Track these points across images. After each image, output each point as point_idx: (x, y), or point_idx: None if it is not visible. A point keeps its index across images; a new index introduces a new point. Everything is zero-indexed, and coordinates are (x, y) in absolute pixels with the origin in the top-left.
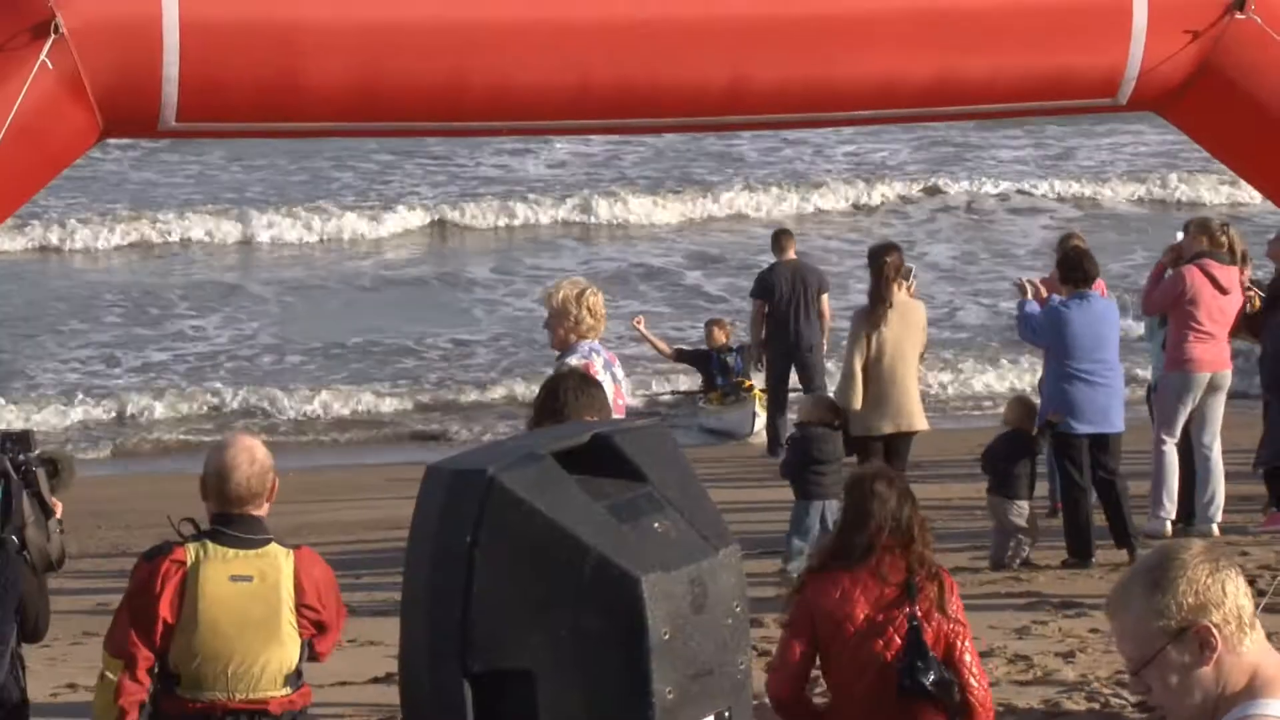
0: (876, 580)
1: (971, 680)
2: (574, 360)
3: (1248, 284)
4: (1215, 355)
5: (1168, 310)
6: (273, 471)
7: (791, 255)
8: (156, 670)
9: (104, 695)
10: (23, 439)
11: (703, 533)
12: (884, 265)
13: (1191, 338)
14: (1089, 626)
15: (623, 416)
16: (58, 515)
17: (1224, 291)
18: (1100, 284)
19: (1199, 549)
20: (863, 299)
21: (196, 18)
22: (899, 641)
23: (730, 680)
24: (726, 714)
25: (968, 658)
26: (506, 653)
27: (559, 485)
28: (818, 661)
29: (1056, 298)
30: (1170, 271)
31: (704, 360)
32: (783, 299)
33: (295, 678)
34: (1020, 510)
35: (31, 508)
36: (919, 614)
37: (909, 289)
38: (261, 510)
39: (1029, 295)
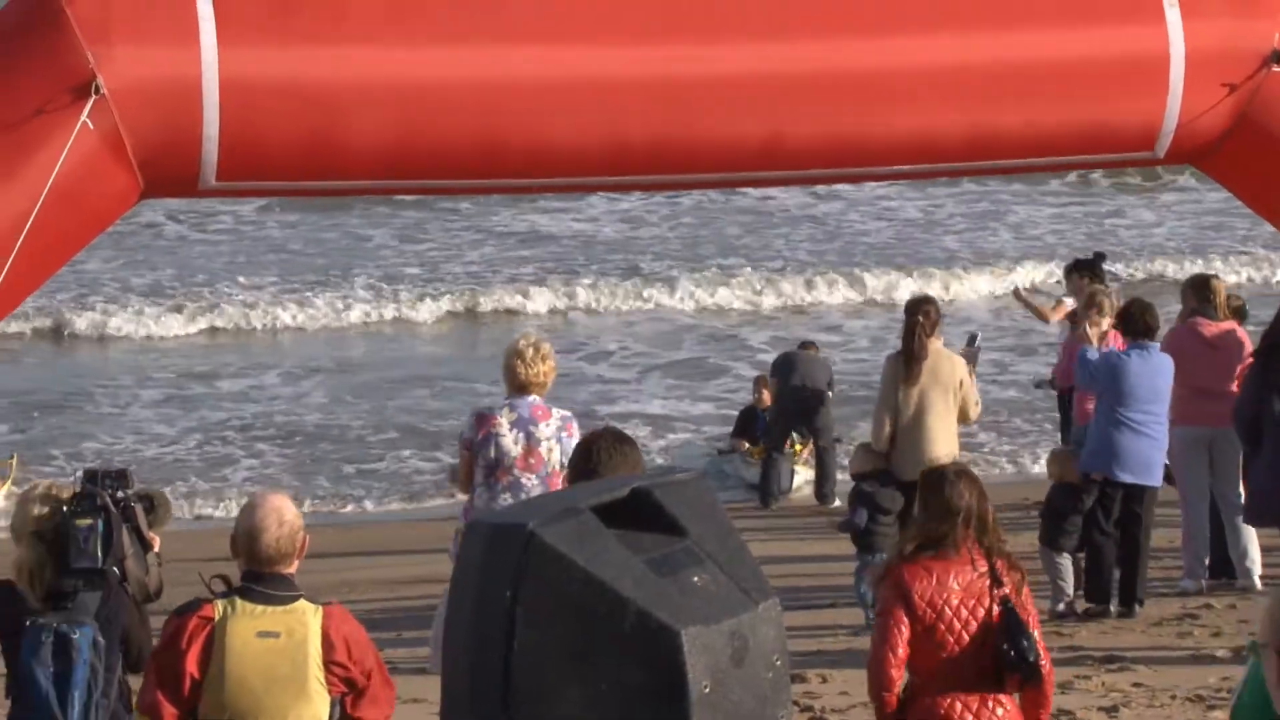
0: (967, 565)
1: (1043, 653)
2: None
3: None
4: (1216, 411)
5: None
6: (302, 530)
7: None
8: None
9: None
10: (121, 476)
11: (742, 586)
12: (916, 321)
13: (1189, 395)
14: (1132, 680)
15: (536, 476)
16: (155, 549)
17: (1213, 348)
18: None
19: None
20: None
21: (236, 78)
22: (991, 622)
23: None
24: None
25: (1038, 633)
26: (548, 707)
27: (598, 539)
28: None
29: (1114, 347)
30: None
31: (750, 416)
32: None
33: None
34: (1064, 563)
35: (131, 541)
36: (1010, 595)
37: (969, 368)
38: (291, 568)
39: (1023, 299)
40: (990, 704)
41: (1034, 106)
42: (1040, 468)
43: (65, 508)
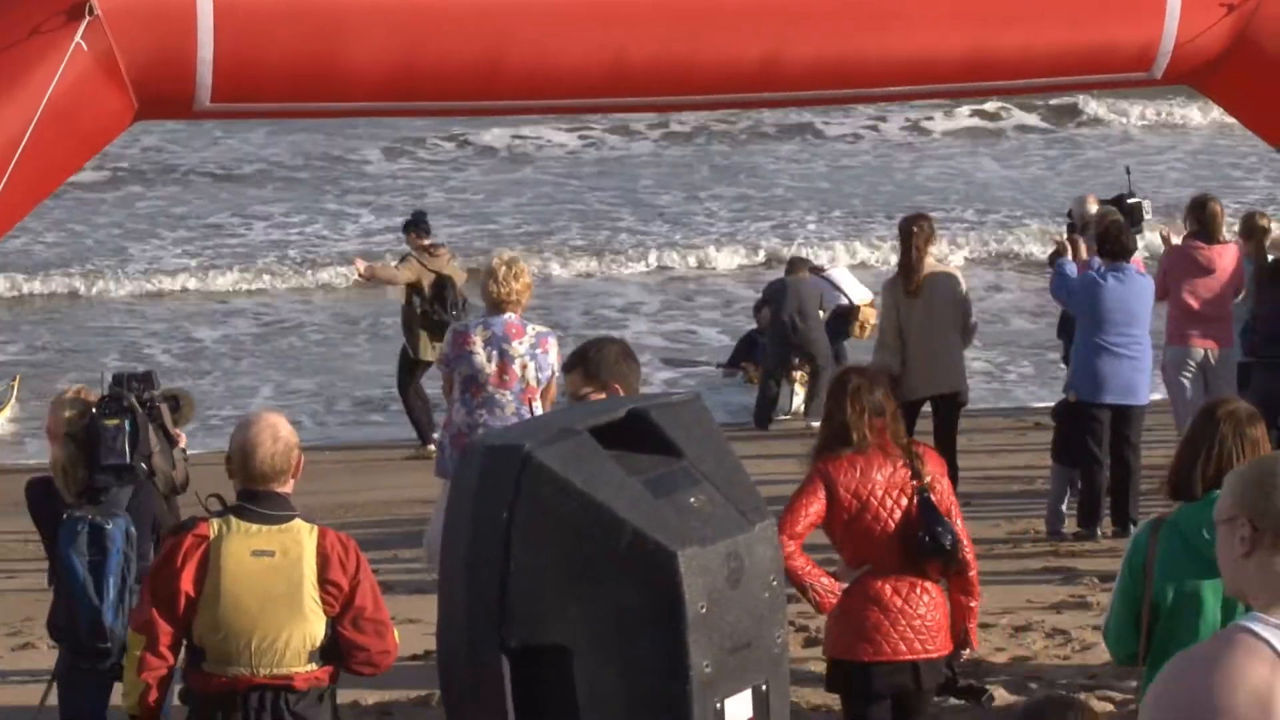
0: (886, 458)
1: (965, 542)
2: (454, 329)
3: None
4: (1211, 332)
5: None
6: (297, 449)
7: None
8: (184, 646)
9: (130, 671)
10: (146, 378)
11: (739, 507)
12: (911, 234)
13: (1183, 316)
14: None
15: (511, 392)
16: (181, 445)
17: (1208, 270)
18: (1137, 260)
19: None
20: None
21: None
22: (913, 510)
23: (767, 654)
24: (764, 687)
25: (959, 523)
26: (543, 628)
27: (595, 461)
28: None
29: (1096, 262)
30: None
31: (750, 341)
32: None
33: (320, 655)
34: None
35: (157, 439)
36: (926, 484)
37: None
38: (286, 487)
39: (1069, 255)
40: (918, 589)
41: (1032, 27)
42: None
43: (94, 409)
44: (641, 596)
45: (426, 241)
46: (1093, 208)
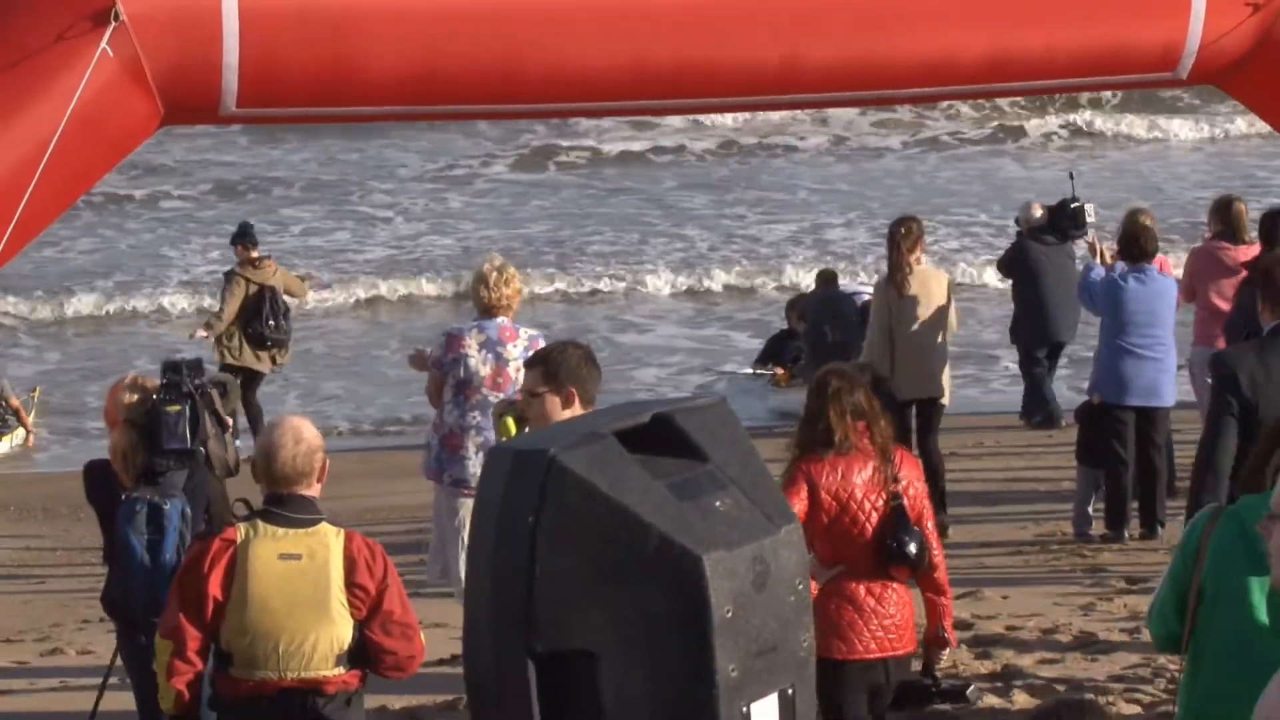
0: (865, 461)
1: (934, 544)
2: (447, 333)
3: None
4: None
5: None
6: (321, 451)
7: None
8: (212, 651)
9: (160, 677)
10: (196, 365)
11: (764, 510)
12: (898, 235)
13: (1208, 316)
14: None
15: (505, 393)
16: (231, 429)
17: (1232, 271)
18: (1161, 259)
19: None
20: None
21: (255, 4)
22: (883, 514)
23: (793, 658)
24: (790, 691)
25: (929, 524)
26: (569, 633)
27: (620, 464)
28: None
29: (1120, 266)
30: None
31: (780, 342)
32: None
33: (349, 658)
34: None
35: (211, 423)
36: (900, 490)
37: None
38: (312, 490)
39: (1096, 259)
40: (889, 589)
41: (1055, 27)
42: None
43: (155, 396)
44: (667, 601)
45: (254, 254)
46: (1037, 213)
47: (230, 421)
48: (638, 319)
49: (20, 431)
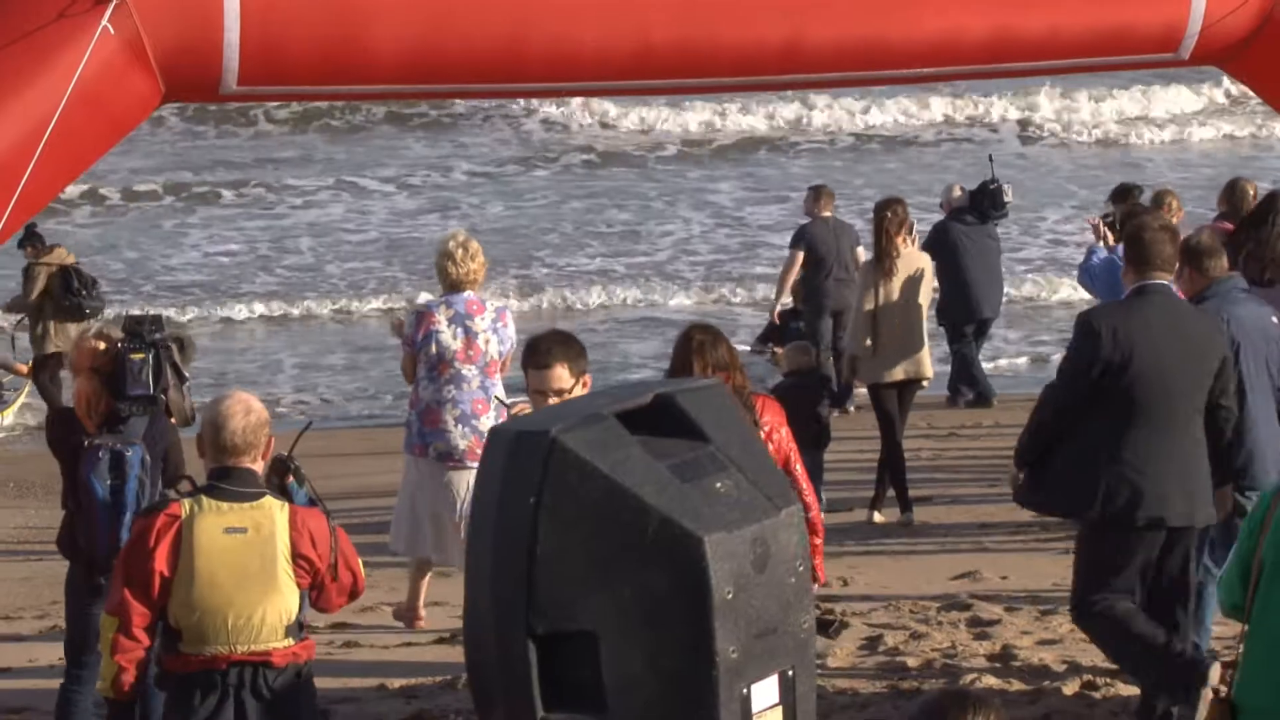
0: None
1: (803, 485)
2: (416, 310)
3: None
4: None
5: None
6: (268, 427)
7: (828, 213)
8: (159, 629)
9: (105, 653)
10: (156, 320)
11: (765, 492)
12: (885, 219)
13: None
14: None
15: (475, 367)
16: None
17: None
18: None
19: None
20: None
21: None
22: None
23: (793, 639)
24: (790, 673)
25: (799, 468)
26: (570, 614)
27: (621, 446)
28: None
29: (1121, 248)
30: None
31: (780, 320)
32: (822, 258)
33: (297, 629)
34: None
35: (171, 374)
36: (762, 436)
37: (912, 240)
38: (256, 465)
39: (1099, 242)
40: None
41: (1056, 7)
42: None
43: (120, 344)
44: (668, 582)
45: (45, 253)
46: (957, 193)
47: (187, 374)
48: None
49: (19, 402)
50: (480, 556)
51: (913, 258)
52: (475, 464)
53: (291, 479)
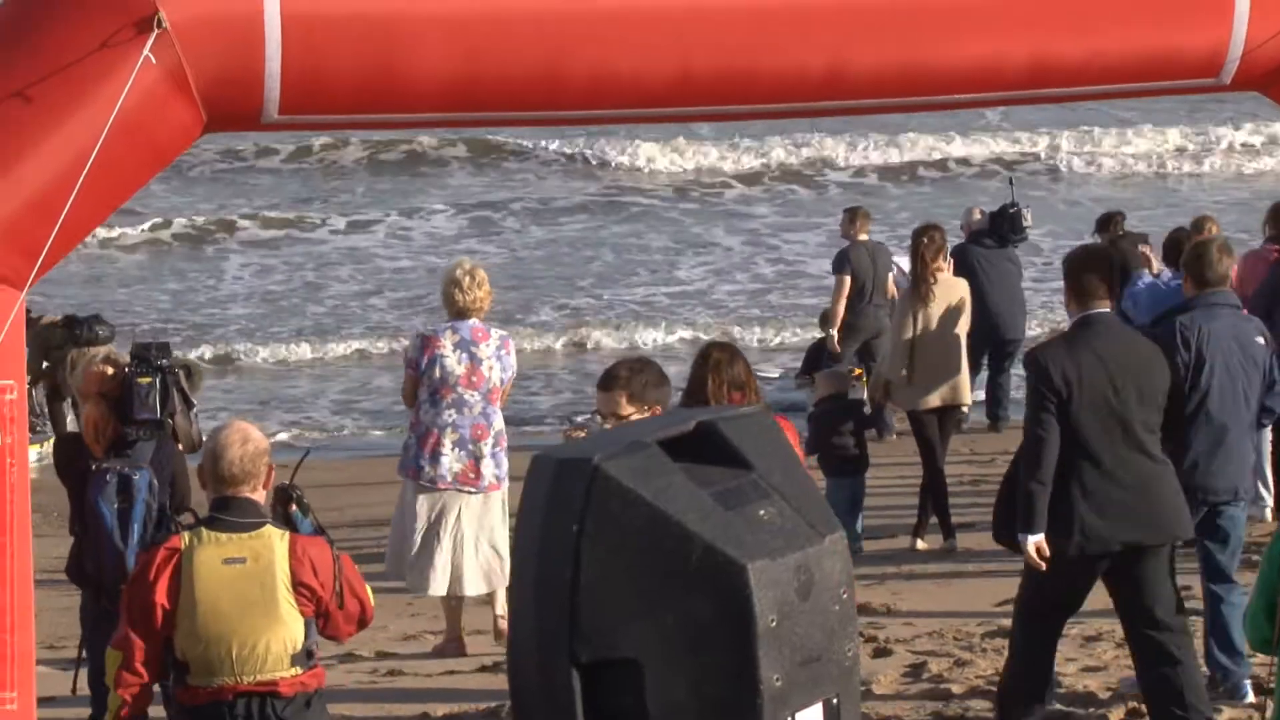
0: None
1: None
2: (421, 335)
3: None
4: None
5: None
6: (268, 456)
7: (865, 235)
8: (169, 664)
9: (111, 688)
10: (164, 347)
11: (809, 519)
12: (921, 244)
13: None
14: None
15: (479, 393)
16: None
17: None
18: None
19: None
20: None
21: (298, 11)
22: None
23: (838, 666)
24: (834, 701)
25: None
26: (614, 642)
27: (664, 473)
28: None
29: (1167, 274)
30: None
31: (818, 352)
32: (860, 281)
33: (305, 657)
34: None
35: (178, 399)
36: None
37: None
38: (257, 494)
39: (1146, 269)
40: None
41: (1097, 33)
42: None
43: (127, 369)
44: (712, 609)
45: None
46: (977, 216)
47: (194, 401)
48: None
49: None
50: (523, 585)
51: (950, 284)
52: (467, 488)
53: (295, 508)
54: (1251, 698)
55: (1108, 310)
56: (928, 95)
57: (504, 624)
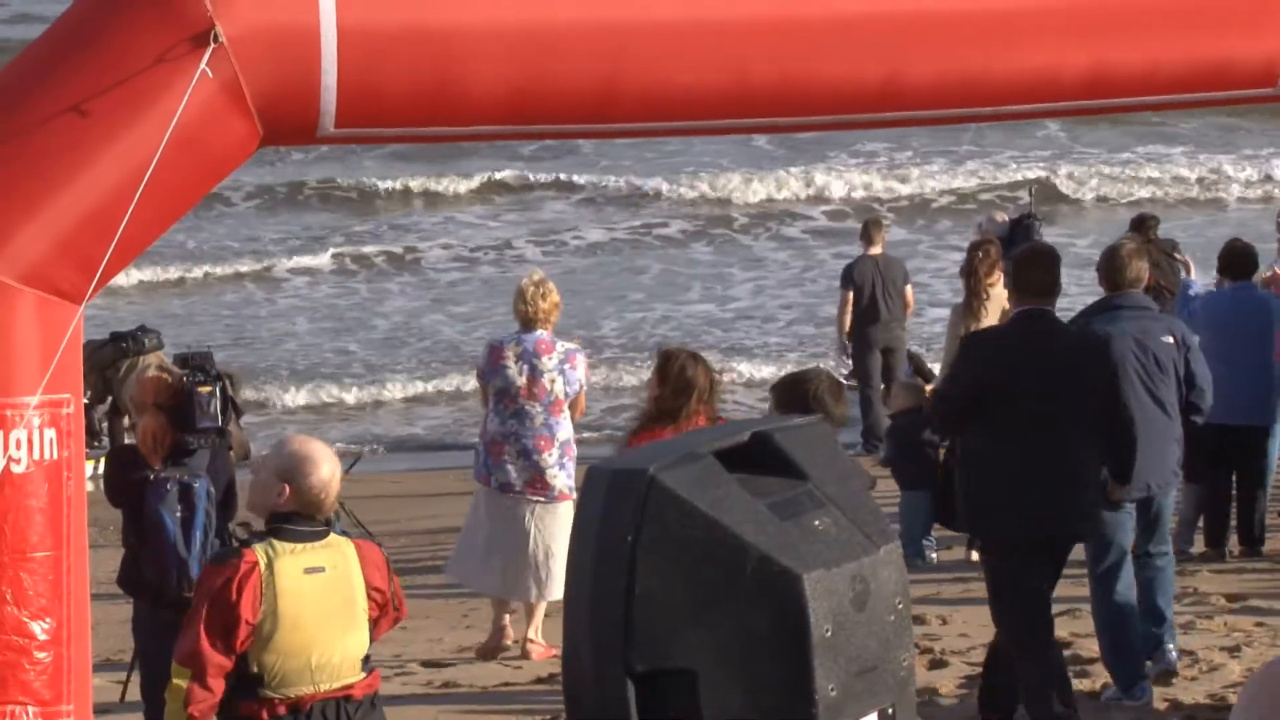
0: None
1: None
2: (489, 344)
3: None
4: None
5: None
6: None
7: (878, 249)
8: (233, 675)
9: (174, 703)
10: (208, 357)
11: (864, 530)
12: (975, 259)
13: None
14: (1255, 620)
15: (540, 404)
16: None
17: None
18: None
19: None
20: None
21: (354, 24)
22: None
23: (894, 677)
24: (890, 711)
25: None
26: (669, 652)
27: (720, 484)
28: None
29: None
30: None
31: None
32: (866, 293)
33: (367, 661)
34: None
35: (230, 408)
36: None
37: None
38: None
39: (1193, 278)
40: None
41: (1154, 43)
42: None
43: (185, 379)
44: (767, 620)
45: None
46: (1000, 218)
47: (243, 409)
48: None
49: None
50: (579, 595)
51: (1002, 298)
52: (536, 497)
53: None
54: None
55: (1049, 308)
56: (985, 106)
57: (531, 648)
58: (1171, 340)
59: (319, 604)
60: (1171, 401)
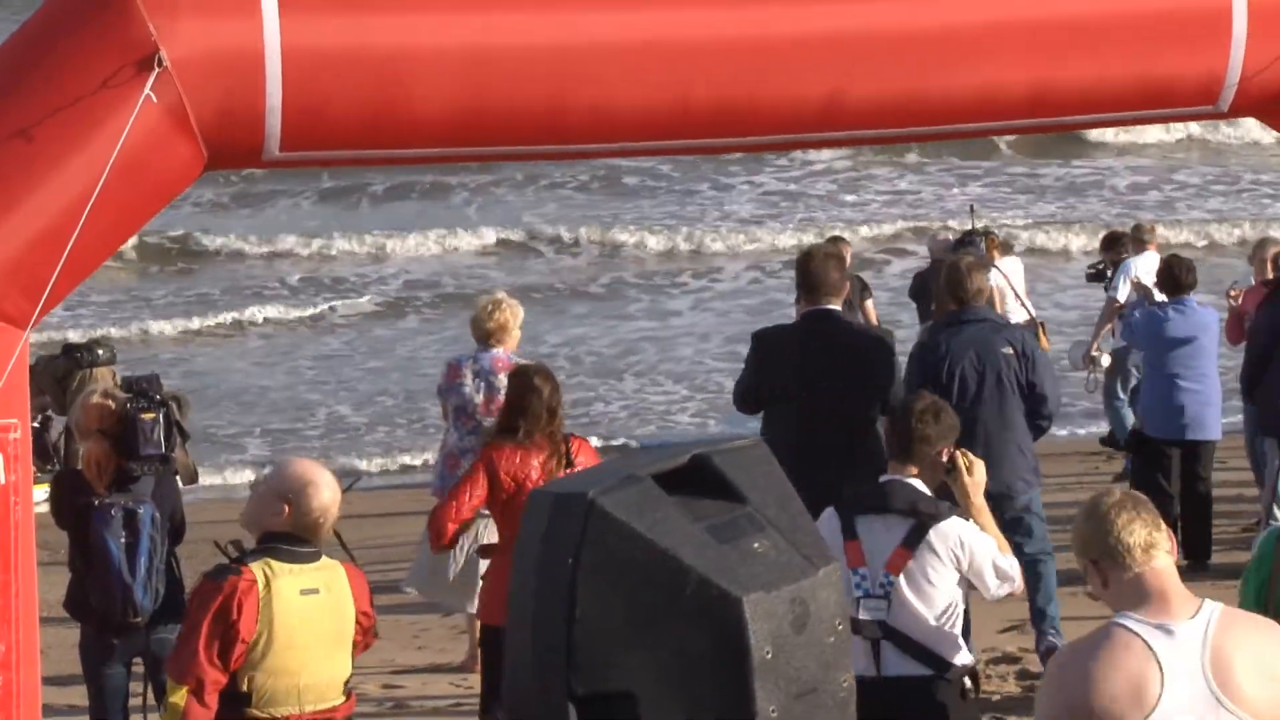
0: (540, 449)
1: None
2: (448, 362)
3: None
4: None
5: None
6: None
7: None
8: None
9: (170, 718)
10: (155, 380)
11: (803, 552)
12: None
13: None
14: None
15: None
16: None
17: None
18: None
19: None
20: None
21: (298, 48)
22: None
23: (833, 699)
24: None
25: None
26: (610, 674)
27: (659, 507)
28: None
29: (1161, 301)
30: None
31: None
32: None
33: (347, 684)
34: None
35: (177, 433)
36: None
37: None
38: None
39: (1145, 300)
40: None
41: (1094, 62)
42: None
43: (128, 405)
44: (708, 642)
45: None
46: (942, 237)
47: (188, 433)
48: None
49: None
50: (521, 618)
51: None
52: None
53: None
54: None
55: (836, 308)
56: (927, 125)
57: None
58: (1011, 351)
59: (313, 626)
60: (1010, 411)
